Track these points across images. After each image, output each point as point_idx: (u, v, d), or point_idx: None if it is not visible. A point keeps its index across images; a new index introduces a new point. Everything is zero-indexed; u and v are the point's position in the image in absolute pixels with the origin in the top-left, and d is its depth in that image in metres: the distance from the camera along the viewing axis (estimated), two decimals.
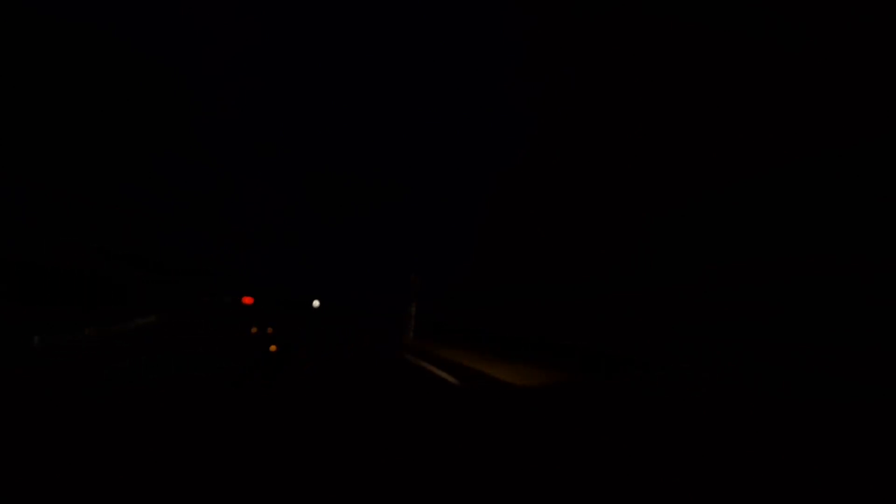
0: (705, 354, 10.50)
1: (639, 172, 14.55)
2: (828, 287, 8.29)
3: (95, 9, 19.72)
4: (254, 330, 18.31)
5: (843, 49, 8.55)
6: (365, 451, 4.09)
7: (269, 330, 18.74)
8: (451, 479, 3.53)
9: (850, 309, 7.86)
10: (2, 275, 15.64)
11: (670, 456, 4.38)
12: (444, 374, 9.42)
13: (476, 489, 3.36)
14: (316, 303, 39.29)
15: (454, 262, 32.82)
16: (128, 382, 6.46)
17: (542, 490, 3.41)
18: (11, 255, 16.64)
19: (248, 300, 35.32)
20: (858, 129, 8.21)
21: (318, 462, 3.74)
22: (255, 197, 36.43)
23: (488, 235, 30.32)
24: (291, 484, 3.29)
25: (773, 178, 9.83)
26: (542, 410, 6.32)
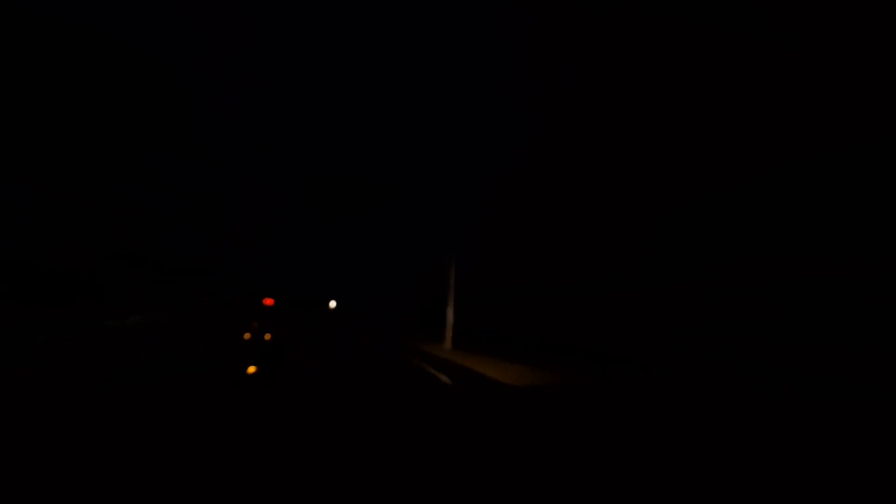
0: (705, 354, 10.50)
1: (638, 172, 14.55)
2: (828, 287, 8.29)
3: (95, 9, 19.73)
4: (247, 336, 16.75)
5: (842, 49, 8.55)
6: (359, 449, 4.09)
7: (267, 336, 17.21)
8: (438, 474, 3.53)
9: (849, 309, 7.87)
10: (2, 275, 15.65)
11: (664, 455, 4.37)
12: (439, 375, 9.43)
13: (460, 483, 3.36)
14: (333, 303, 37.41)
15: (454, 262, 32.72)
16: (128, 382, 6.46)
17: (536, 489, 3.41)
18: (11, 255, 16.66)
19: (269, 301, 34.69)
20: (858, 129, 8.22)
21: (311, 462, 3.75)
22: (255, 197, 36.39)
23: (488, 235, 30.30)
24: (284, 483, 3.29)
25: (772, 178, 9.83)
26: (534, 410, 6.31)
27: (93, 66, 20.57)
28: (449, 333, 15.77)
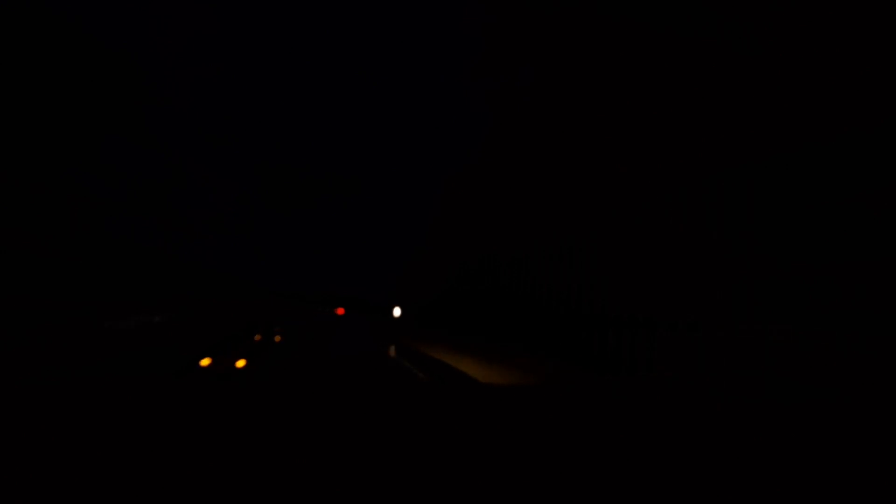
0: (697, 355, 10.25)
1: (598, 173, 14.70)
2: (825, 285, 7.97)
3: None
4: (257, 337, 17.64)
5: (822, 39, 8.18)
6: (349, 436, 4.51)
7: (277, 338, 18.15)
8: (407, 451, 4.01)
9: (848, 308, 7.54)
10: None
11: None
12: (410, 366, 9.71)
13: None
14: (397, 311, 31.88)
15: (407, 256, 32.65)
16: (120, 375, 6.61)
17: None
18: None
19: (340, 311, 32.65)
20: (838, 125, 7.90)
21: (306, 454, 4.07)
22: (206, 185, 35.29)
23: (440, 232, 30.46)
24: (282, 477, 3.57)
25: (752, 173, 9.47)
26: (507, 405, 6.66)
27: (39, 48, 19.60)
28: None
